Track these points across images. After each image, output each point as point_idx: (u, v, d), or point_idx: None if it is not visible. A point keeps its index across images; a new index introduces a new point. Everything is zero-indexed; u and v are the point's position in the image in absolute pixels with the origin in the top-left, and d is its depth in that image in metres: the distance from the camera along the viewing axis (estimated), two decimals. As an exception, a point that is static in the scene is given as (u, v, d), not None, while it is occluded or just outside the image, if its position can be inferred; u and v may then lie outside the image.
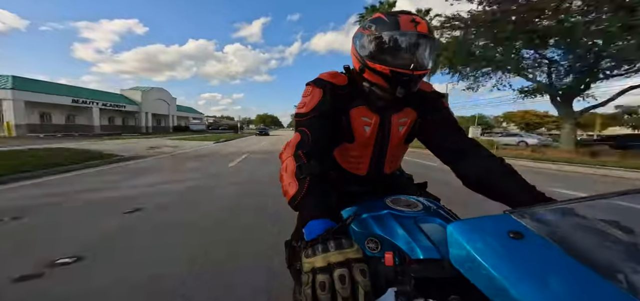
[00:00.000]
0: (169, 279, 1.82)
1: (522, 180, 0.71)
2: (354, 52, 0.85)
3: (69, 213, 3.16)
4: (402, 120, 0.87)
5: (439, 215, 0.74)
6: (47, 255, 2.09)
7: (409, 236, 0.62)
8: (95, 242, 2.38)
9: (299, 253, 0.48)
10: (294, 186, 0.61)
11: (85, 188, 4.41)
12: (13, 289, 1.71)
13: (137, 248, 2.31)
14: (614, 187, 4.98)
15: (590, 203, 0.50)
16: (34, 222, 2.84)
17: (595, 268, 0.32)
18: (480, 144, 0.84)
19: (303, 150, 0.69)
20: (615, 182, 6.28)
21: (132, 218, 3.01)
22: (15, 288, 1.72)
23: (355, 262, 0.42)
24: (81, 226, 2.75)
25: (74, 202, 3.63)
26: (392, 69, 0.74)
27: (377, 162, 0.94)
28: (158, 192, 4.28)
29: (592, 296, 0.30)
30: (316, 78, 0.86)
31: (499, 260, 0.36)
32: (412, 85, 0.77)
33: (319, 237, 0.47)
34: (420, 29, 0.73)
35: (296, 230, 0.97)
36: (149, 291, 1.70)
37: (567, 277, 0.33)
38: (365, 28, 0.80)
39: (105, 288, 1.73)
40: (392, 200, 0.80)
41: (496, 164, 0.77)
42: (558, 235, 0.40)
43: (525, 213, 0.45)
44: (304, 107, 0.81)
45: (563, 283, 0.32)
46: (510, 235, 0.39)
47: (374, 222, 0.71)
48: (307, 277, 0.42)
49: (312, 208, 0.57)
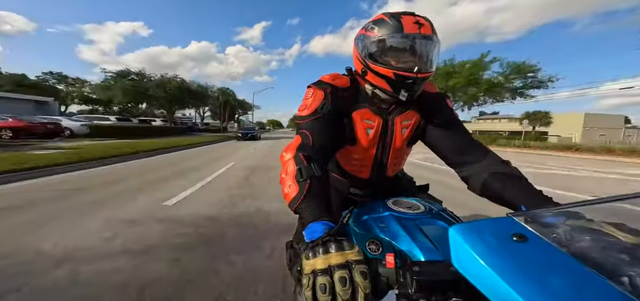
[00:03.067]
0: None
1: (529, 185, 0.69)
2: (356, 54, 0.84)
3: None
4: (405, 122, 0.86)
5: (441, 217, 0.73)
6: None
7: (411, 238, 0.62)
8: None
9: (300, 254, 0.47)
10: (294, 189, 0.61)
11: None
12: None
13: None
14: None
15: (594, 206, 0.49)
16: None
17: (600, 271, 0.32)
18: (487, 147, 0.82)
19: (304, 153, 0.69)
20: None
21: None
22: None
23: (356, 264, 0.42)
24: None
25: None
26: (395, 72, 0.73)
27: (380, 164, 0.93)
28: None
29: (596, 300, 0.30)
30: (318, 81, 0.85)
31: (502, 263, 0.35)
32: (415, 88, 0.76)
33: (320, 239, 0.47)
34: (424, 31, 0.71)
35: (297, 232, 0.97)
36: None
37: (571, 280, 0.32)
38: (368, 29, 0.79)
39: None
40: (394, 202, 0.80)
41: (502, 168, 0.75)
42: (562, 238, 0.39)
43: (529, 216, 0.45)
44: (305, 110, 0.81)
45: (567, 287, 0.31)
46: (513, 238, 0.39)
47: (375, 223, 0.71)
48: (308, 279, 0.42)
49: (313, 211, 0.57)
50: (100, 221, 2.75)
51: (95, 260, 1.98)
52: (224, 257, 2.06)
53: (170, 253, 2.10)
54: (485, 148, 0.82)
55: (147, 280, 1.73)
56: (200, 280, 1.76)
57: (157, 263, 1.96)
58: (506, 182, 0.72)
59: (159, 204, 3.39)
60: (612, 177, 6.62)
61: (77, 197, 3.62)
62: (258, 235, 2.51)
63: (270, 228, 2.67)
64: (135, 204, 3.37)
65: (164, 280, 1.74)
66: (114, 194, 3.81)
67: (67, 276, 1.76)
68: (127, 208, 3.19)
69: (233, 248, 2.22)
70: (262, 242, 2.33)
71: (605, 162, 10.65)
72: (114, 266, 1.90)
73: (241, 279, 1.78)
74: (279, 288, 1.70)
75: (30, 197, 3.55)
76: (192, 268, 1.90)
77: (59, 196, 3.63)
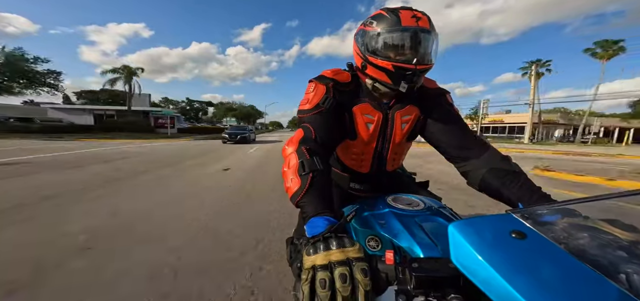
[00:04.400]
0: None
1: (528, 182, 0.70)
2: (356, 50, 0.85)
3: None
4: (405, 117, 0.86)
5: (441, 214, 0.74)
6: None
7: (410, 235, 0.62)
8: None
9: (301, 250, 0.48)
10: (296, 182, 0.61)
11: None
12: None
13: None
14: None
15: (593, 203, 0.50)
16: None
17: (598, 268, 0.32)
18: (487, 142, 0.82)
19: (306, 146, 0.69)
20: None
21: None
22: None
23: (356, 261, 0.42)
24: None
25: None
26: (394, 64, 0.73)
27: (380, 159, 0.94)
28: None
29: (594, 297, 0.30)
30: (319, 75, 0.86)
31: (501, 260, 0.36)
32: (415, 80, 0.76)
33: (321, 235, 0.47)
34: (421, 24, 0.72)
35: (298, 227, 0.97)
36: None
37: (569, 277, 0.33)
38: (367, 25, 0.79)
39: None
40: (394, 199, 0.80)
41: (502, 164, 0.75)
42: (561, 235, 0.40)
43: (528, 213, 0.45)
44: (307, 104, 0.81)
45: (565, 283, 0.32)
46: (512, 234, 0.39)
47: (375, 220, 0.71)
48: (307, 274, 0.42)
49: (315, 205, 0.57)
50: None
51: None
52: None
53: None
54: (486, 143, 0.82)
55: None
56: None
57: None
58: (505, 178, 0.72)
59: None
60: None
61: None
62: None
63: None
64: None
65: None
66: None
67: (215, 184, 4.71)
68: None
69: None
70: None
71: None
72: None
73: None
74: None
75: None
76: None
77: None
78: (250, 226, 2.76)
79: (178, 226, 2.73)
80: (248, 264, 2.01)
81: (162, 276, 1.83)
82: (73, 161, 7.24)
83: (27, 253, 2.09)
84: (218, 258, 2.10)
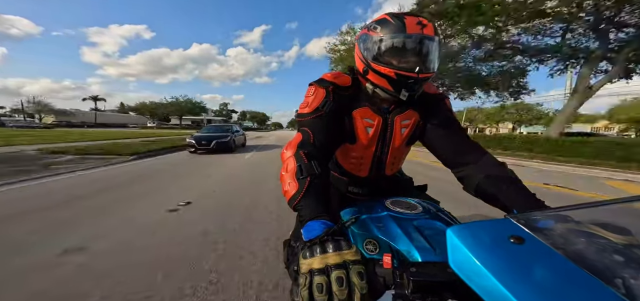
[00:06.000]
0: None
1: (524, 188, 0.70)
2: (358, 54, 0.85)
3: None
4: (404, 122, 0.86)
5: (439, 218, 0.74)
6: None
7: (408, 239, 0.62)
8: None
9: (298, 253, 0.47)
10: (294, 186, 0.61)
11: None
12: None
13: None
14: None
15: (591, 209, 0.50)
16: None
17: (595, 273, 0.32)
18: (483, 148, 0.83)
19: (304, 150, 0.69)
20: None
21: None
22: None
23: (353, 264, 0.42)
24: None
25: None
26: (397, 72, 0.73)
27: (379, 163, 0.94)
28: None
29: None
30: (319, 79, 0.86)
31: (499, 265, 0.35)
32: (416, 88, 0.76)
33: (317, 238, 0.47)
34: (426, 32, 0.72)
35: (295, 230, 0.97)
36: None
37: (567, 282, 0.32)
38: (371, 29, 0.79)
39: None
40: (392, 202, 0.80)
41: (498, 170, 0.75)
42: (559, 241, 0.40)
43: (527, 218, 0.45)
44: (306, 107, 0.81)
45: (563, 289, 0.32)
46: (511, 239, 0.39)
47: (373, 223, 0.71)
48: (304, 278, 0.42)
49: (312, 209, 0.57)
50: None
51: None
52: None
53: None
54: (482, 149, 0.82)
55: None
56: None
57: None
58: (501, 184, 0.72)
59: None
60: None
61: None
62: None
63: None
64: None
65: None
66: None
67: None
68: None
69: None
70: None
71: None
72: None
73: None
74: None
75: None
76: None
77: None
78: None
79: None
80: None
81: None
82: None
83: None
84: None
